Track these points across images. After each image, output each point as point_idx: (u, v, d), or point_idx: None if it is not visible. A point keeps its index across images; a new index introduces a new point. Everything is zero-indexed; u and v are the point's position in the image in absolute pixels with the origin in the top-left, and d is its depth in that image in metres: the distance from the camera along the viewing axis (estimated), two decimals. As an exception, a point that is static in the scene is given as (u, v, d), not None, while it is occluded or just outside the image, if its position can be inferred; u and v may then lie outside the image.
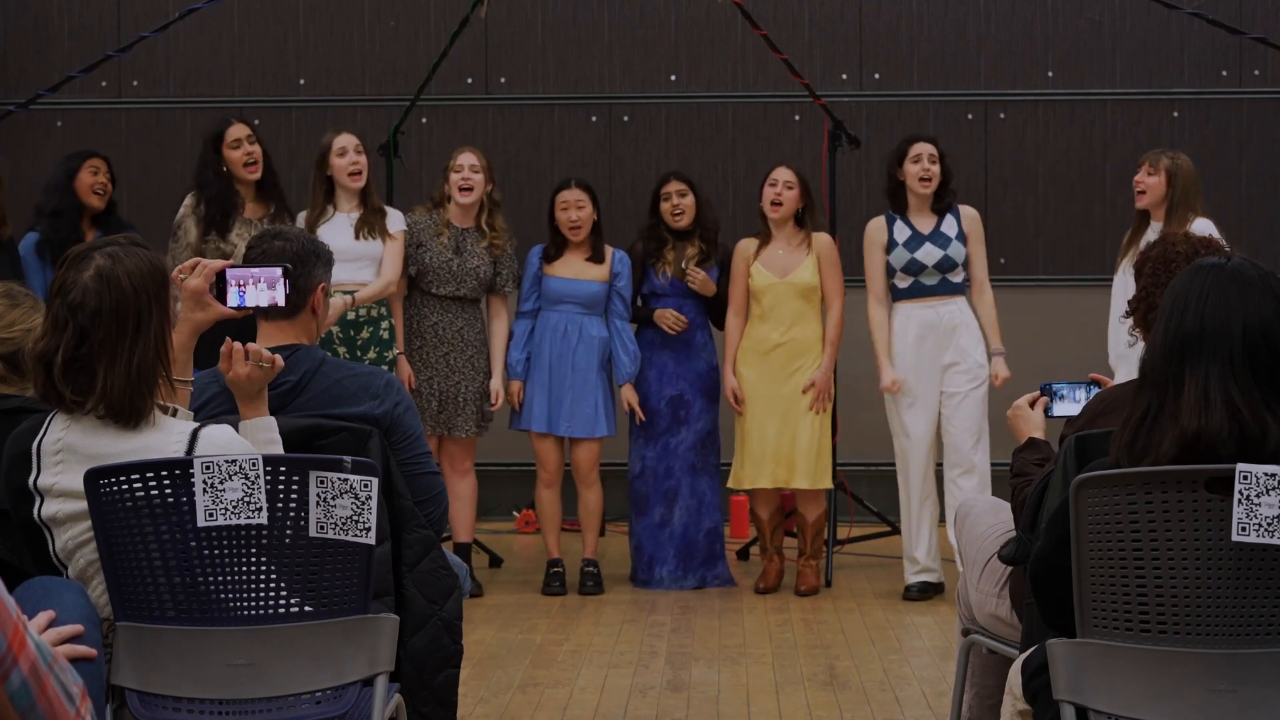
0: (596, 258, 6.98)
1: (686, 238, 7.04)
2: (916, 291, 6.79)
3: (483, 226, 6.94)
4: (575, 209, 6.93)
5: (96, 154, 7.00)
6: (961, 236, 6.81)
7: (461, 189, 6.86)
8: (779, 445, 6.89)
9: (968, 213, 6.92)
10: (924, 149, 6.80)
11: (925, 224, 6.83)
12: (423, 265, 6.85)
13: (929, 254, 6.76)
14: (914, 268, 6.77)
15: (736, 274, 6.98)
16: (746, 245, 7.01)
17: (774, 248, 6.95)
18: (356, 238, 6.69)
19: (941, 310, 6.79)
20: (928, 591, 6.75)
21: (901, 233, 6.82)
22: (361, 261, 6.70)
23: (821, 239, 6.98)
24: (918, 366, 6.78)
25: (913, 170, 6.78)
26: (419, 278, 6.87)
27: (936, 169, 6.79)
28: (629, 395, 6.98)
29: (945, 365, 6.78)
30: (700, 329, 7.07)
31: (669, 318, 6.97)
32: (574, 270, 6.96)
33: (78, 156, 6.98)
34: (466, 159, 6.89)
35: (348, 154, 6.76)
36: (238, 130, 6.72)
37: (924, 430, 6.79)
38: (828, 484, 6.97)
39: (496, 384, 6.96)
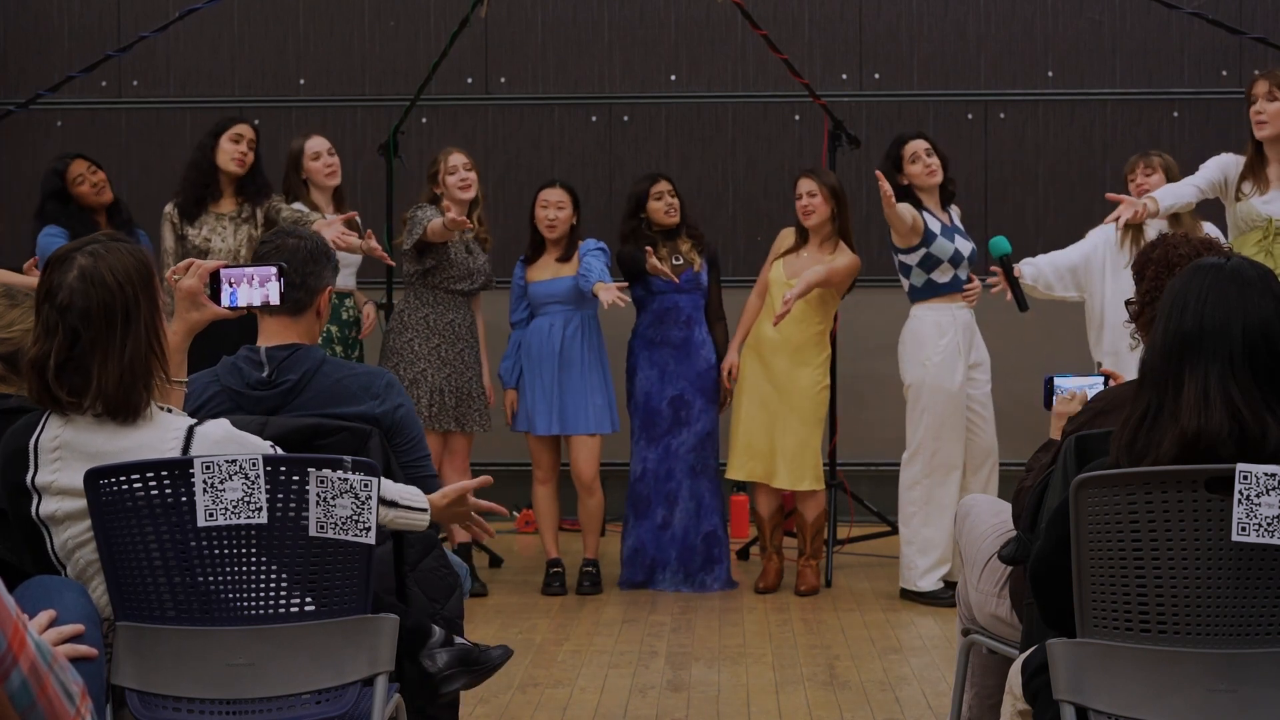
0: (567, 257, 7.00)
1: (673, 236, 7.03)
2: (954, 287, 6.72)
3: (478, 225, 6.98)
4: (555, 208, 6.97)
5: (68, 158, 6.91)
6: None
7: (462, 187, 6.88)
8: (762, 442, 6.89)
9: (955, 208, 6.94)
10: (919, 146, 6.74)
11: (943, 216, 6.81)
12: (446, 260, 6.86)
13: (964, 246, 6.74)
14: (958, 259, 6.70)
15: (768, 259, 7.03)
16: (786, 236, 7.03)
17: (803, 252, 6.94)
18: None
19: (965, 307, 6.75)
20: (924, 597, 6.73)
21: (933, 223, 6.73)
22: (351, 267, 6.94)
23: (845, 250, 6.93)
24: (952, 370, 6.69)
25: (915, 170, 6.73)
26: (435, 272, 6.87)
27: (936, 160, 6.75)
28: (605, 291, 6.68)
29: (969, 365, 6.74)
30: (698, 325, 7.06)
31: (660, 270, 6.77)
32: (550, 271, 7.00)
33: (56, 174, 6.84)
34: (459, 159, 6.93)
35: (322, 157, 6.85)
36: (244, 129, 6.74)
37: (961, 432, 6.73)
38: (810, 485, 6.91)
39: (490, 382, 7.04)
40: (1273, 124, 6.04)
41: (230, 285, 3.48)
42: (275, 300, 3.50)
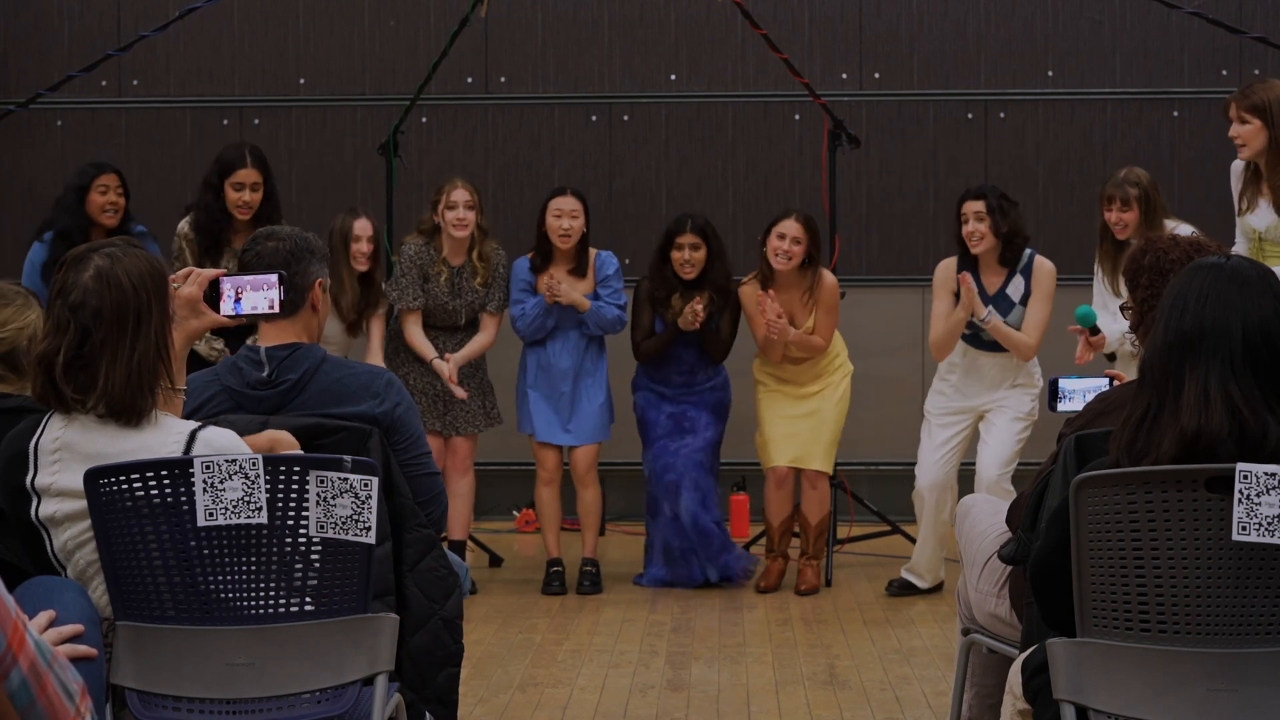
0: (580, 270, 6.96)
1: (695, 287, 6.91)
2: (974, 341, 6.63)
3: (475, 263, 6.92)
4: (569, 218, 6.89)
5: (105, 169, 6.86)
6: (1025, 299, 6.60)
7: (456, 225, 6.84)
8: (798, 428, 6.90)
9: (1040, 268, 6.61)
10: (969, 208, 6.55)
11: (993, 281, 6.61)
12: (424, 308, 6.89)
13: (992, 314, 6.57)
14: (973, 326, 6.57)
15: (751, 320, 6.92)
16: (751, 291, 6.91)
17: (780, 295, 6.86)
18: (349, 331, 6.81)
19: (995, 359, 6.64)
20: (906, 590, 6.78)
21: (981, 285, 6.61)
22: (335, 345, 6.67)
23: (826, 283, 6.90)
24: (954, 396, 6.69)
25: (964, 231, 6.57)
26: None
27: (984, 226, 6.51)
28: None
29: (985, 405, 6.65)
30: (702, 371, 7.01)
31: (687, 316, 6.78)
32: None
33: (86, 174, 6.83)
34: (460, 196, 6.83)
35: (361, 241, 6.71)
36: (246, 175, 6.61)
37: (940, 442, 6.70)
38: (830, 469, 6.96)
39: (442, 365, 6.82)
40: (1250, 145, 5.92)
41: (230, 293, 3.48)
42: (276, 308, 3.51)
